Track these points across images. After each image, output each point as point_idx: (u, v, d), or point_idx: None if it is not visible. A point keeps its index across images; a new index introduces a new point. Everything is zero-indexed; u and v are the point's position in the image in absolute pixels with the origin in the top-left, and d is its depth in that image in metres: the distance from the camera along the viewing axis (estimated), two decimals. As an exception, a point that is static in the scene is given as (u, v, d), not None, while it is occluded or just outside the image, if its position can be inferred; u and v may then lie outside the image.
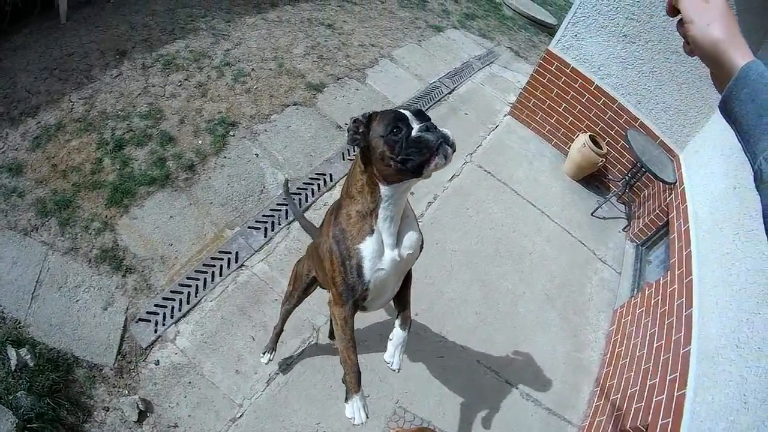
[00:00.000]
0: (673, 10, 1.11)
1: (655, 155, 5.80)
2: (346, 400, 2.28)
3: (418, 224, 2.26)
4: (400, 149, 1.87)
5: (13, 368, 3.11)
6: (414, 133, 1.87)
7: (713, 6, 1.03)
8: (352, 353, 2.27)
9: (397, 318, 2.43)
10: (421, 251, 2.30)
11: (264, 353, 3.60)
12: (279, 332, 3.53)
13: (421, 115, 1.95)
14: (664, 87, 5.98)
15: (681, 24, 1.09)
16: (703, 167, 5.24)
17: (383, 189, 2.01)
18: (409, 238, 2.21)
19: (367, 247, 2.09)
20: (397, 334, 2.39)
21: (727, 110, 0.99)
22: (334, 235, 2.14)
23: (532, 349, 4.51)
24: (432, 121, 1.94)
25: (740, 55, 0.97)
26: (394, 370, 2.38)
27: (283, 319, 3.44)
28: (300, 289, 3.12)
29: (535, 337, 4.62)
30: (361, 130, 1.97)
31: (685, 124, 6.02)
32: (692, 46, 1.06)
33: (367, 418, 2.25)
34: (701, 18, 1.02)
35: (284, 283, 3.44)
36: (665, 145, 6.14)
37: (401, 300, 2.47)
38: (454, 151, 1.90)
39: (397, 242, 2.17)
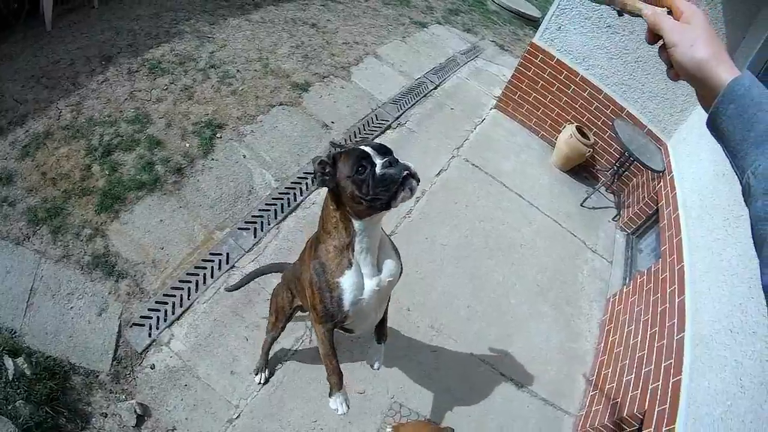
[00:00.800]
0: (654, 37, 1.11)
1: (642, 144, 5.84)
2: (330, 395, 2.54)
3: (396, 251, 2.40)
4: (367, 188, 1.95)
5: (10, 378, 3.10)
6: (378, 170, 1.95)
7: (695, 26, 1.02)
8: (333, 359, 2.48)
9: (374, 332, 2.77)
10: (400, 276, 2.42)
11: (257, 373, 3.64)
12: (267, 350, 3.58)
13: (383, 150, 2.04)
14: (649, 76, 6.01)
15: (663, 49, 1.09)
16: (691, 155, 5.28)
17: (356, 223, 2.12)
18: (388, 265, 2.32)
19: (346, 281, 2.19)
20: (375, 345, 2.81)
21: (714, 127, 0.98)
22: (314, 267, 2.25)
23: (526, 341, 4.54)
24: (394, 154, 2.05)
25: (726, 72, 0.96)
26: (375, 369, 2.85)
27: (270, 344, 3.53)
28: (284, 321, 3.25)
29: (528, 329, 4.64)
30: (327, 171, 2.06)
31: (672, 112, 6.06)
32: (677, 69, 1.06)
33: (348, 408, 2.53)
34: (684, 39, 1.02)
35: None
36: (652, 134, 6.18)
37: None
38: (419, 182, 2.00)
39: (378, 270, 2.29)
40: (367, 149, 2.01)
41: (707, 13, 1.12)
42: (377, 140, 5.65)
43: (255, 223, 4.56)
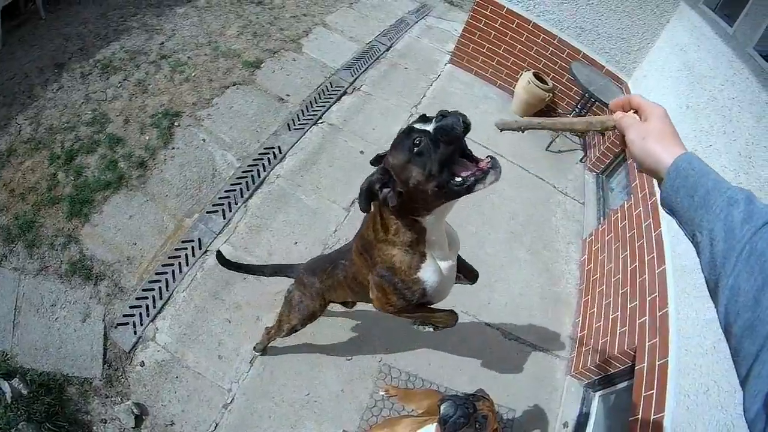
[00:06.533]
0: (623, 140, 1.18)
1: (602, 84, 5.87)
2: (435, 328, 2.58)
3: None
4: (431, 160, 1.68)
5: (9, 401, 3.10)
6: (432, 128, 1.67)
7: (650, 121, 1.12)
8: (422, 312, 2.36)
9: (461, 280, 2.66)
10: None
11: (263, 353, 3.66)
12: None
13: (424, 117, 1.74)
14: (603, 17, 6.02)
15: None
16: (653, 91, 5.29)
17: (427, 218, 1.91)
18: (452, 236, 2.20)
19: (425, 274, 2.05)
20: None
21: (666, 203, 1.05)
22: (381, 274, 2.11)
23: (507, 288, 4.62)
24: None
25: (672, 154, 1.03)
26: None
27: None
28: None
29: (508, 277, 4.71)
30: (386, 181, 1.81)
31: (629, 51, 6.08)
32: (634, 162, 1.14)
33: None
34: (638, 134, 1.11)
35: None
36: (612, 74, 6.21)
37: (463, 270, 2.64)
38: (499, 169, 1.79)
39: (448, 248, 2.15)
40: (409, 125, 1.74)
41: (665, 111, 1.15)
42: (335, 107, 5.82)
43: (222, 204, 4.58)
